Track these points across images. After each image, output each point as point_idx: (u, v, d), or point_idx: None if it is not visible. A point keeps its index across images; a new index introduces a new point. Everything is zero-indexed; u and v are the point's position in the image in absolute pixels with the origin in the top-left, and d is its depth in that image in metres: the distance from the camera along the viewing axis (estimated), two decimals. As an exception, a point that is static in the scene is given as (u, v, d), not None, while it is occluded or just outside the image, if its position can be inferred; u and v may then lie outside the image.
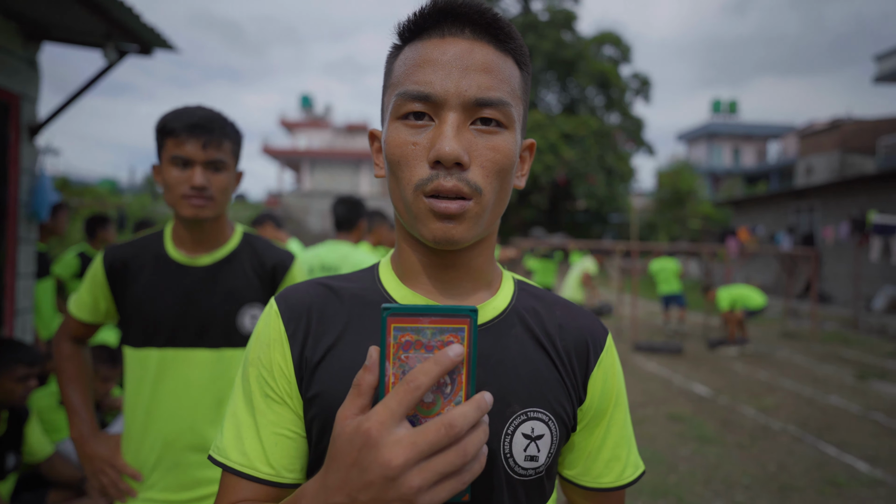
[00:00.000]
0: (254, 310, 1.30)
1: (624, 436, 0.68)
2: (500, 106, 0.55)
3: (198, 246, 1.28)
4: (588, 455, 0.66)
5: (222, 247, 1.31)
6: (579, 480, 0.67)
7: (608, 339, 0.68)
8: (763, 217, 15.68)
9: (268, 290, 1.33)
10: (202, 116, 1.19)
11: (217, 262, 1.29)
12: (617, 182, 23.50)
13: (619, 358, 0.70)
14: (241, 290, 1.28)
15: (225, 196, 1.24)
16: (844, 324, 9.97)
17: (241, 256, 1.32)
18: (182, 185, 1.18)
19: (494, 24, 0.57)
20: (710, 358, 6.93)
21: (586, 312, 0.69)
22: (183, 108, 1.22)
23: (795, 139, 24.85)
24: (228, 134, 1.23)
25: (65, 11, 2.89)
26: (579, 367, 0.64)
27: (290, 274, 1.35)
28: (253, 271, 1.31)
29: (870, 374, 6.08)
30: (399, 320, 0.44)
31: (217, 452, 0.60)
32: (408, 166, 0.55)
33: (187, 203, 1.18)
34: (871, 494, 3.13)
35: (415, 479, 0.40)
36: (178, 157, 1.17)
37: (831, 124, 17.83)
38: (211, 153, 1.19)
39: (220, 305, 1.26)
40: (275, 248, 1.37)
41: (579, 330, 0.66)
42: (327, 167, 31.68)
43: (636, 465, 0.68)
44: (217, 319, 1.25)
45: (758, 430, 4.15)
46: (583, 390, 0.64)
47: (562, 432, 0.61)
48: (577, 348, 0.64)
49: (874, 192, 11.38)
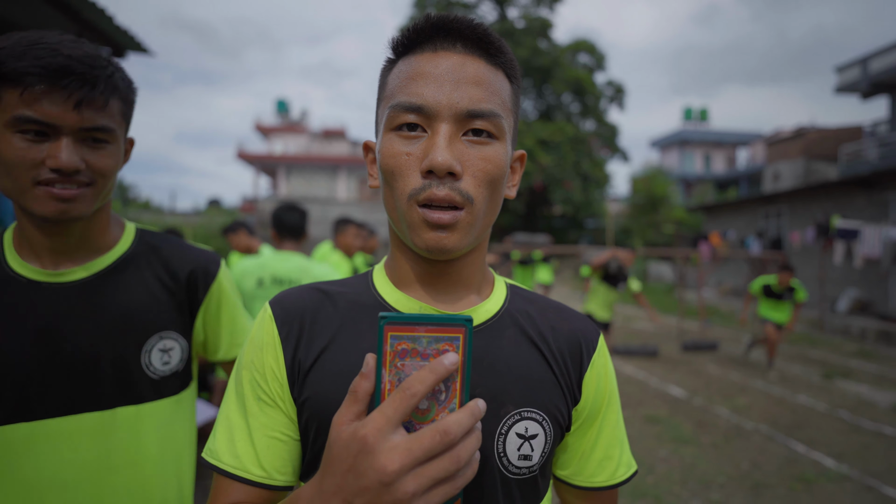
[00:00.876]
0: (167, 341, 0.89)
1: (616, 435, 0.69)
2: (492, 117, 0.56)
3: (61, 256, 0.84)
4: (581, 455, 0.67)
5: (105, 254, 0.88)
6: (572, 480, 0.68)
7: (600, 340, 0.69)
8: (734, 222, 16.15)
9: (185, 309, 0.93)
10: (71, 55, 0.74)
11: (97, 276, 0.85)
12: (592, 188, 23.90)
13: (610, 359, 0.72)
14: (140, 313, 0.86)
15: (109, 182, 0.82)
16: (811, 325, 10.32)
17: (138, 264, 0.89)
18: (34, 166, 0.74)
19: (485, 38, 0.58)
20: (685, 360, 7.08)
21: (578, 314, 0.71)
22: (33, 37, 0.74)
23: (763, 146, 25.70)
24: (116, 85, 0.79)
25: (33, 11, 2.82)
26: (573, 368, 0.65)
27: (218, 283, 0.98)
28: (159, 284, 0.90)
29: (835, 374, 6.30)
30: (396, 329, 0.45)
31: (209, 454, 0.61)
32: (401, 176, 0.56)
33: (45, 195, 0.75)
34: (839, 489, 3.24)
35: (410, 485, 0.40)
36: (26, 118, 0.72)
37: (796, 132, 18.52)
38: (89, 117, 0.76)
39: (106, 341, 0.83)
40: (191, 250, 0.97)
41: (572, 332, 0.67)
42: (303, 173, 31.35)
43: (629, 464, 0.70)
44: (103, 363, 0.83)
45: (731, 430, 4.26)
46: (577, 390, 0.65)
47: (556, 432, 0.63)
48: (571, 349, 0.66)
49: (837, 198, 11.84)
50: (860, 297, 10.89)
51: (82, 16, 2.75)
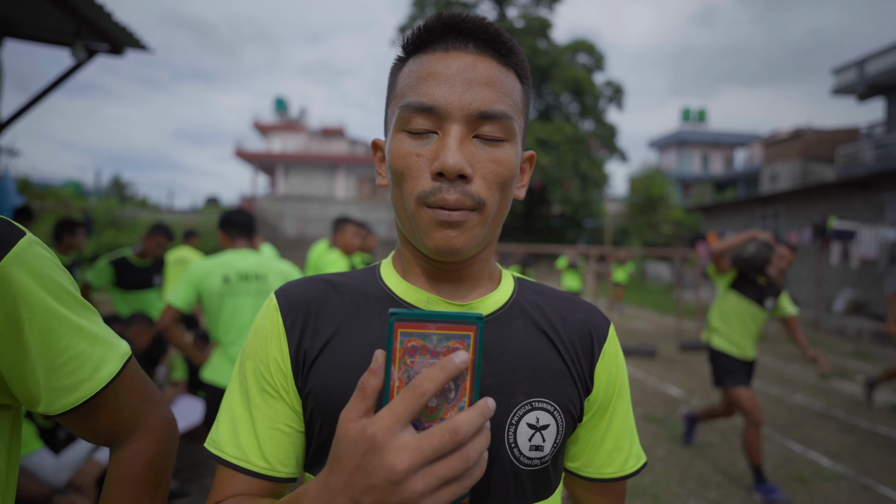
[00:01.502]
0: None
1: (626, 426, 0.68)
2: (503, 119, 0.56)
3: None
4: (591, 446, 0.67)
5: None
6: (582, 472, 0.67)
7: (611, 330, 0.69)
8: (731, 222, 16.19)
9: None
10: None
11: None
12: (591, 188, 23.94)
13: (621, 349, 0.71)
14: None
15: None
16: (807, 325, 10.35)
17: None
18: None
19: (497, 38, 0.58)
20: (683, 360, 7.10)
21: (587, 304, 0.70)
22: None
23: (760, 147, 25.77)
24: None
25: (32, 8, 2.80)
26: (585, 358, 0.65)
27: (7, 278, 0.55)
28: None
29: (831, 374, 6.33)
30: (406, 325, 0.44)
31: (212, 445, 0.60)
32: (411, 177, 0.56)
33: None
34: (834, 488, 3.25)
35: (418, 484, 0.40)
36: None
37: (793, 134, 18.59)
38: None
39: None
40: None
41: (582, 321, 0.67)
42: (302, 171, 31.30)
43: (638, 455, 0.69)
44: None
45: (728, 430, 4.27)
46: (590, 380, 0.65)
47: (568, 423, 0.62)
48: (581, 339, 0.65)
49: (834, 200, 11.88)
50: (856, 297, 10.93)
51: (80, 12, 2.74)
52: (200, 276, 2.40)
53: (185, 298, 2.38)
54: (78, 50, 3.04)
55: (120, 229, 16.62)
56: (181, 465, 3.33)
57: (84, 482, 2.22)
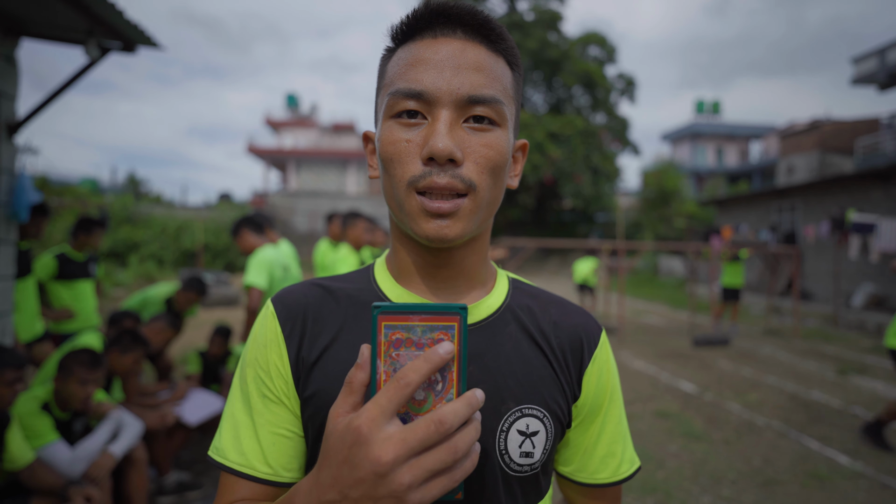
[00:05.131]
0: None
1: (619, 432, 0.68)
2: (493, 103, 0.56)
3: None
4: (584, 451, 0.67)
5: None
6: (575, 477, 0.67)
7: (602, 336, 0.69)
8: (746, 216, 15.95)
9: None
10: None
11: None
12: (603, 181, 23.73)
13: (612, 355, 0.71)
14: None
15: None
16: (825, 320, 10.18)
17: None
18: None
19: (486, 24, 0.58)
20: (696, 355, 7.03)
21: (581, 310, 0.70)
22: None
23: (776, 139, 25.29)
24: None
25: (45, 7, 2.83)
26: (574, 364, 0.65)
27: None
28: None
29: (850, 370, 6.21)
30: (389, 318, 0.44)
31: (216, 452, 0.61)
32: (401, 163, 0.55)
33: None
34: (853, 487, 3.19)
35: (405, 476, 0.40)
36: None
37: (811, 125, 18.19)
38: None
39: None
40: None
41: (573, 327, 0.67)
42: (313, 167, 31.47)
43: (632, 460, 0.69)
44: None
45: (743, 426, 4.22)
46: (577, 387, 0.65)
47: (557, 429, 0.62)
48: (572, 345, 0.65)
49: (853, 192, 11.64)
50: (876, 292, 10.71)
51: (92, 10, 2.76)
52: (271, 264, 3.02)
53: (268, 280, 2.99)
54: (91, 48, 3.07)
55: (135, 225, 16.87)
56: (194, 458, 3.38)
57: (98, 474, 2.26)
